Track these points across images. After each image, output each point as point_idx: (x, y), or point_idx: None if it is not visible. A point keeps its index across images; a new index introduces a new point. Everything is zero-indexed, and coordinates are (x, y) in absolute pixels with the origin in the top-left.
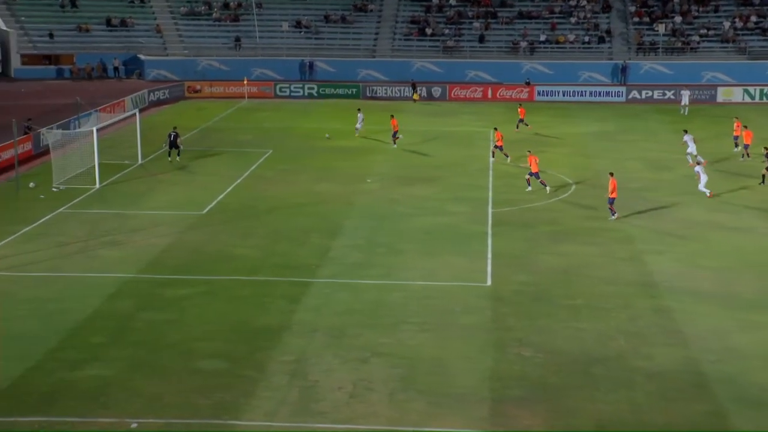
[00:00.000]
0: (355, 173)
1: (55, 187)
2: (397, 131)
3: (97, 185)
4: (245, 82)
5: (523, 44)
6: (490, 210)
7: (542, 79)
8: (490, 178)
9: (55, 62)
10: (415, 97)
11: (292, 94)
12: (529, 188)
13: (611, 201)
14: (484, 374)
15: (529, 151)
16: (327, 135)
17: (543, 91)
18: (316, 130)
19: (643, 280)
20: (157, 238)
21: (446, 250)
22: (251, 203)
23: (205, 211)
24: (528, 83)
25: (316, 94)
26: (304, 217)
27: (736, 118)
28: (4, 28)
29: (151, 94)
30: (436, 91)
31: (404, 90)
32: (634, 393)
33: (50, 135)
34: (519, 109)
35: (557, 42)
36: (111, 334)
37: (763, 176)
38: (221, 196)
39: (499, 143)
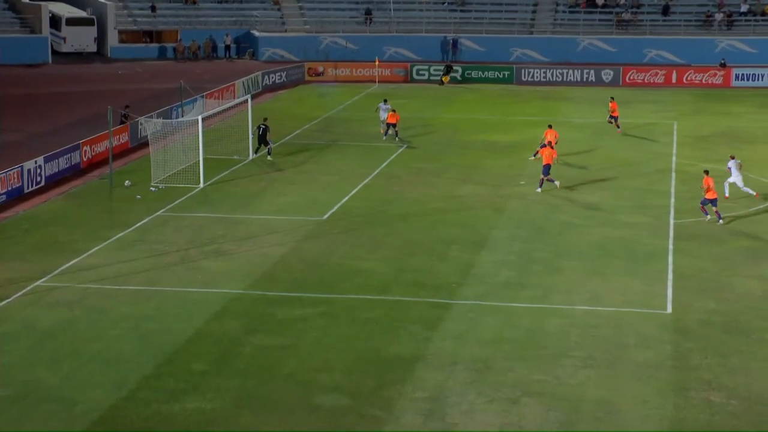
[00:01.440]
0: (506, 173)
1: (153, 186)
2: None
3: (201, 184)
4: (376, 63)
5: (718, 16)
6: (672, 221)
7: (742, 59)
8: (673, 182)
9: (157, 40)
10: (445, 79)
11: (432, 77)
12: (522, 182)
13: (705, 202)
14: (662, 423)
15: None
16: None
17: (742, 74)
18: (459, 122)
19: None
20: (269, 247)
21: (617, 269)
22: (381, 208)
23: (326, 216)
24: (723, 65)
25: (460, 78)
26: (444, 226)
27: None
28: (102, 0)
29: (266, 77)
30: (607, 74)
31: (568, 73)
32: None
33: (149, 125)
34: (610, 104)
35: (762, 13)
36: (215, 360)
37: None
38: (345, 199)
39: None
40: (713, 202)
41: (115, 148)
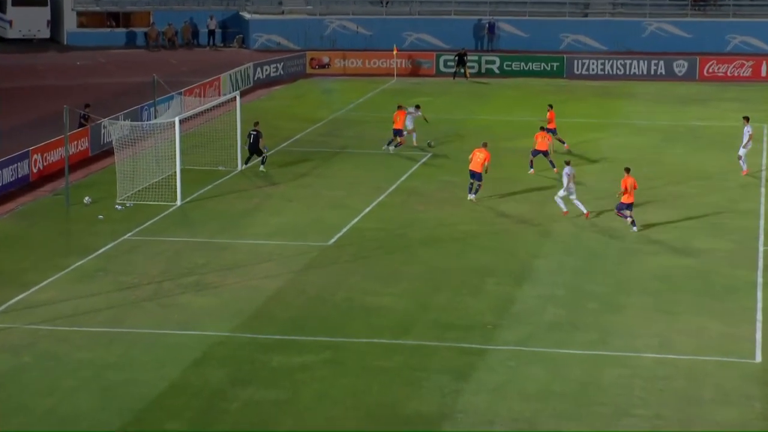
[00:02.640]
0: (553, 188)
1: (119, 204)
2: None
3: (179, 202)
4: (395, 52)
5: None
6: (761, 247)
7: None
8: (762, 199)
9: (124, 24)
10: (467, 72)
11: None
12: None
13: (621, 207)
14: None
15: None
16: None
17: None
18: (497, 125)
19: None
20: (262, 279)
21: (691, 307)
22: (400, 231)
23: (333, 241)
24: None
25: (497, 71)
26: (477, 252)
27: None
28: None
29: (258, 69)
30: (680, 66)
31: (631, 65)
32: None
33: (115, 128)
34: (548, 113)
35: None
36: (194, 418)
37: None
38: (356, 220)
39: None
40: (629, 206)
41: (73, 157)
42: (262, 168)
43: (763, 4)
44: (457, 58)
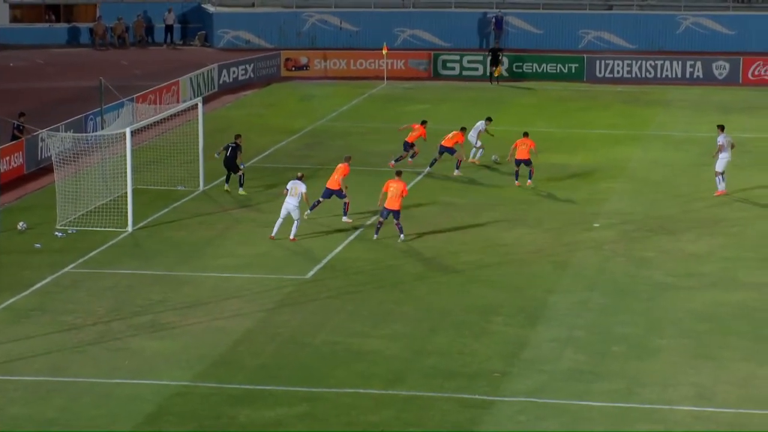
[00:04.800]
0: (573, 212)
1: (59, 231)
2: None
3: (130, 228)
4: (384, 51)
5: None
6: None
7: None
8: None
9: (66, 18)
10: (497, 72)
11: (466, 72)
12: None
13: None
14: None
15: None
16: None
17: None
18: (507, 137)
19: None
20: (228, 319)
21: (736, 351)
22: (392, 262)
23: (312, 273)
24: None
25: (507, 74)
26: (482, 288)
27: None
28: None
29: (224, 71)
30: (721, 68)
31: (664, 66)
32: None
33: (55, 141)
34: (420, 128)
35: None
36: None
37: None
38: (339, 249)
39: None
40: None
41: (5, 175)
42: (241, 191)
43: None
44: (490, 56)
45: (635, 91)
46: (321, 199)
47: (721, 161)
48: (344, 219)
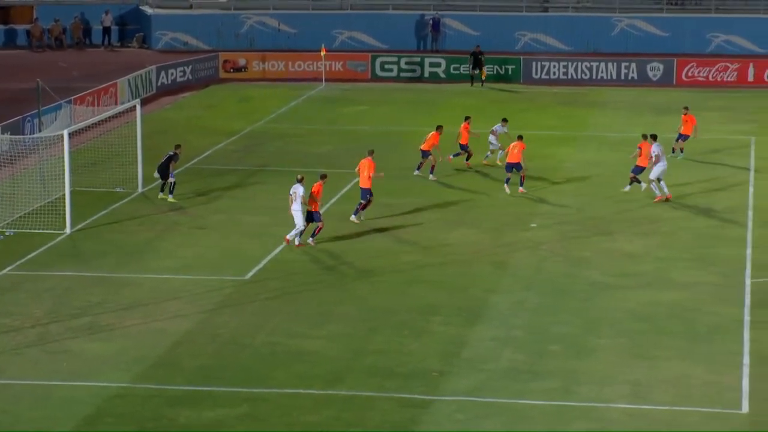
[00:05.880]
0: (511, 213)
1: None
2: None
3: (68, 230)
4: (323, 53)
5: None
6: (748, 280)
7: None
8: (750, 224)
9: (2, 19)
10: (483, 75)
11: (403, 74)
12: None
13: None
14: None
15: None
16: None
17: None
18: (445, 138)
19: None
20: (167, 320)
21: (670, 350)
22: (331, 262)
23: (251, 275)
24: None
25: (444, 75)
26: (421, 288)
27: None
28: None
29: (163, 73)
30: (655, 69)
31: (599, 68)
32: None
33: None
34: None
35: None
36: None
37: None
38: (278, 250)
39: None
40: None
41: None
42: (170, 198)
43: None
44: (472, 58)
45: (571, 92)
46: (362, 201)
47: (657, 169)
48: (352, 218)
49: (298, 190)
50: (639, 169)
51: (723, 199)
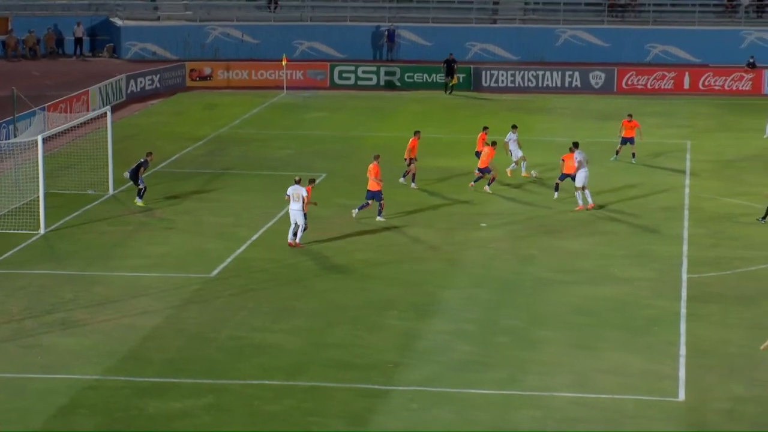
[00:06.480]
0: (462, 213)
1: None
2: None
3: (42, 230)
4: (284, 62)
5: (745, 0)
6: (684, 275)
7: None
8: (686, 223)
9: None
10: (453, 81)
11: (360, 82)
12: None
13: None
14: None
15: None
16: None
17: None
18: (398, 142)
19: None
20: (136, 316)
21: (611, 342)
22: (291, 260)
23: (216, 272)
24: (752, 65)
25: (398, 83)
26: (377, 284)
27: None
28: None
29: (132, 82)
30: (597, 77)
31: (544, 76)
32: None
33: None
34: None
35: None
36: None
37: None
38: (241, 249)
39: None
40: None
41: None
42: (138, 201)
43: (685, 11)
44: (445, 66)
45: (519, 99)
46: (368, 202)
47: (580, 176)
48: (378, 218)
49: (300, 191)
50: (564, 176)
51: (661, 200)
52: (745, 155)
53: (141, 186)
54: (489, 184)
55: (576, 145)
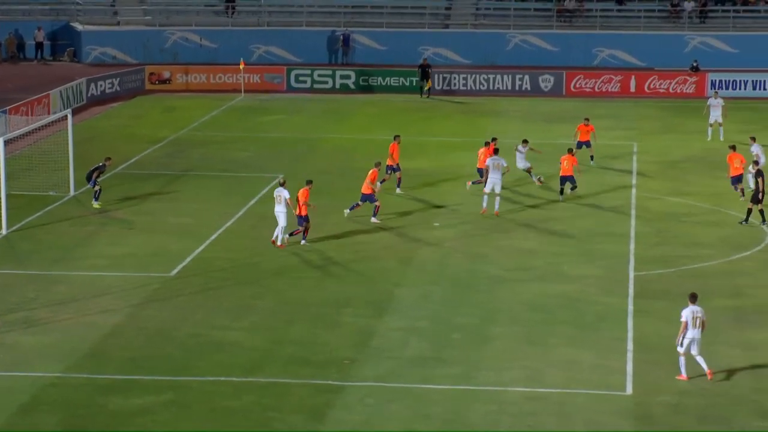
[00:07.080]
0: (415, 212)
1: None
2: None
3: (4, 230)
4: (242, 66)
5: (689, 5)
6: (631, 273)
7: (719, 61)
8: (633, 222)
9: None
10: (427, 86)
11: (316, 85)
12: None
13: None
14: None
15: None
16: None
17: (720, 81)
18: (354, 144)
19: None
20: (97, 314)
21: (560, 338)
22: (250, 260)
23: (176, 271)
24: (695, 68)
25: (354, 86)
26: (333, 282)
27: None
28: None
29: (92, 85)
30: (546, 81)
31: (495, 80)
32: None
33: None
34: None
35: (744, 2)
36: None
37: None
38: (201, 248)
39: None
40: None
41: None
42: (94, 203)
43: (631, 16)
44: (420, 70)
45: (471, 102)
46: (360, 203)
47: (489, 181)
48: (372, 219)
49: (282, 193)
50: (564, 179)
51: (609, 200)
52: (689, 156)
53: (96, 188)
54: (474, 182)
55: (495, 150)
